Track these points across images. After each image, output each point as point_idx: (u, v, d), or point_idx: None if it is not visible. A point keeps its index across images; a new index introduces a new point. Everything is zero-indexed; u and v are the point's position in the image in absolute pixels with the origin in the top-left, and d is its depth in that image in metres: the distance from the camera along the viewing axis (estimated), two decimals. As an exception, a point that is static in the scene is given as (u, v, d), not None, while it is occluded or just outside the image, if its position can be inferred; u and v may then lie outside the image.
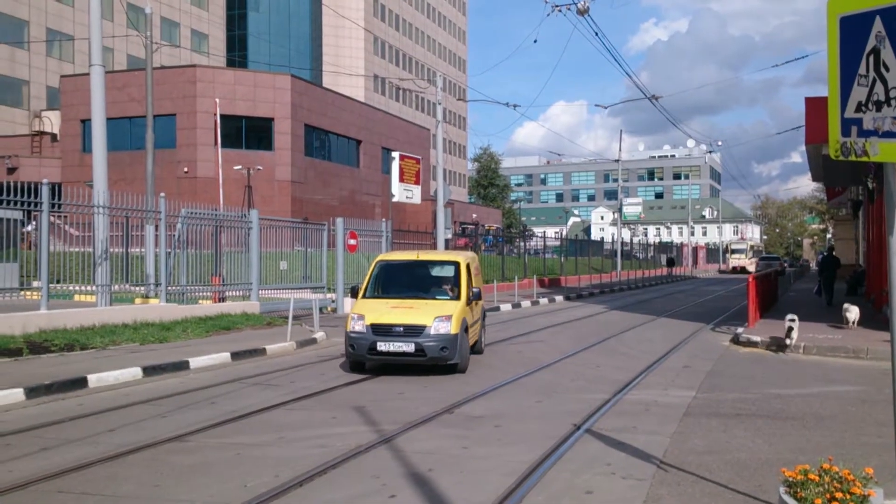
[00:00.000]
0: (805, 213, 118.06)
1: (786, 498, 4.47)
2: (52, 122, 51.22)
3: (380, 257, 13.57)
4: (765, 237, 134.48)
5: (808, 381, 11.12)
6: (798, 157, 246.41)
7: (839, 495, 4.30)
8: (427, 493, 5.76)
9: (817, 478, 4.48)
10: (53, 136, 50.79)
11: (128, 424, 8.06)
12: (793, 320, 14.03)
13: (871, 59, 4.38)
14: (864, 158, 4.47)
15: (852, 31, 4.48)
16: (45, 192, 14.06)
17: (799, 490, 4.46)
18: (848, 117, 4.54)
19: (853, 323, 16.65)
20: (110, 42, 54.73)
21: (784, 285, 34.07)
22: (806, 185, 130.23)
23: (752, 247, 78.68)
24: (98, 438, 7.43)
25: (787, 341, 14.08)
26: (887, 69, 4.31)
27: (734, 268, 73.73)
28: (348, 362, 11.87)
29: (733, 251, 77.71)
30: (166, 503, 5.56)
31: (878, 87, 4.35)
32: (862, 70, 4.44)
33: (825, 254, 28.17)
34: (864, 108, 4.44)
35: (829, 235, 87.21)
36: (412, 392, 10.08)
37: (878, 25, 4.33)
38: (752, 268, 69.31)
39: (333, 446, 7.10)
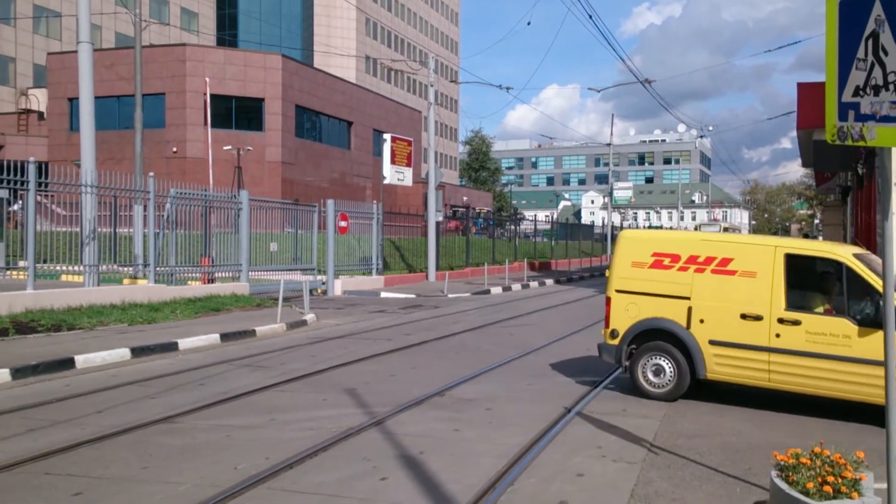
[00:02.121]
0: (793, 199, 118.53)
1: (778, 482, 4.48)
2: (38, 100, 50.70)
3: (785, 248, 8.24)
4: (753, 222, 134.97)
5: (797, 366, 11.15)
6: (788, 142, 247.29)
7: (831, 479, 4.30)
8: (418, 476, 5.74)
9: (809, 462, 4.48)
10: (40, 115, 50.29)
11: (116, 406, 8.01)
12: None
13: (870, 43, 4.33)
14: (861, 143, 4.43)
15: (851, 15, 4.43)
16: (31, 170, 13.91)
17: (791, 474, 4.46)
18: (845, 101, 4.49)
19: None
20: (98, 19, 54.13)
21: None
22: (795, 171, 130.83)
23: (725, 229, 63.90)
24: (85, 420, 7.37)
25: None
26: (886, 53, 4.27)
27: None
28: None
29: None
30: (155, 485, 5.52)
31: (877, 71, 4.31)
32: (860, 54, 4.39)
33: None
34: (861, 93, 4.40)
35: (816, 221, 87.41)
36: (403, 374, 10.06)
37: (877, 9, 4.29)
38: None
39: (324, 428, 7.08)
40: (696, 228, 64.40)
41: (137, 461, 6.07)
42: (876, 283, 7.46)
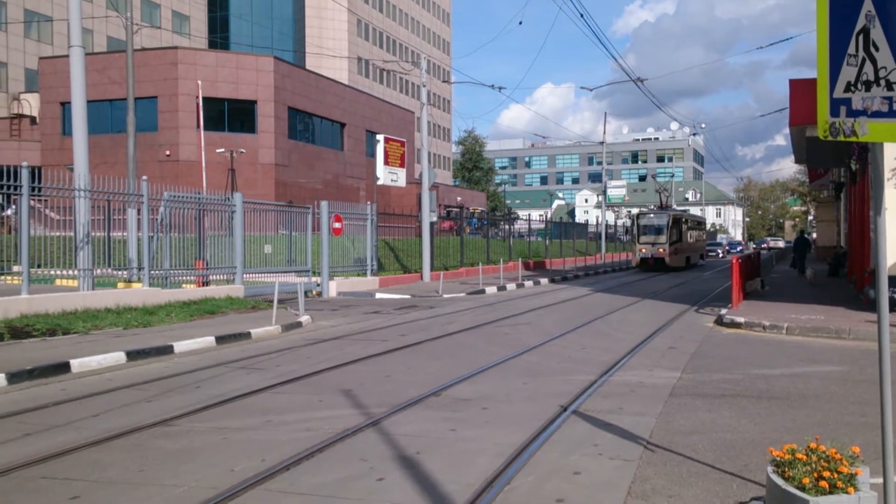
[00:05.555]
0: (787, 196, 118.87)
1: (774, 477, 4.49)
2: (31, 104, 50.55)
3: None
4: (747, 219, 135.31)
5: (792, 362, 11.19)
6: (781, 139, 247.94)
7: (827, 474, 4.31)
8: (415, 476, 5.75)
9: (805, 457, 4.49)
10: (33, 119, 50.14)
11: (112, 409, 7.99)
12: (762, 279, 22.52)
13: (861, 38, 4.35)
14: (853, 138, 4.45)
15: (842, 11, 4.45)
16: (24, 175, 13.88)
17: (787, 469, 4.47)
18: (837, 97, 4.51)
19: (809, 277, 25.23)
20: (90, 23, 54.01)
21: (767, 267, 34.31)
22: (788, 168, 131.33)
23: (676, 220, 41.81)
24: (82, 424, 7.36)
25: (764, 289, 21.69)
26: (877, 49, 4.28)
27: (644, 259, 40.55)
28: None
29: (643, 231, 41.02)
30: (152, 488, 5.51)
31: (868, 67, 4.33)
32: (851, 50, 4.41)
33: (798, 236, 36.64)
34: (853, 89, 4.41)
35: (810, 217, 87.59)
36: (399, 375, 10.06)
37: (868, 5, 4.30)
38: (674, 260, 40.77)
39: (320, 430, 7.07)
40: (633, 219, 44.45)
41: (134, 464, 6.06)
42: None
